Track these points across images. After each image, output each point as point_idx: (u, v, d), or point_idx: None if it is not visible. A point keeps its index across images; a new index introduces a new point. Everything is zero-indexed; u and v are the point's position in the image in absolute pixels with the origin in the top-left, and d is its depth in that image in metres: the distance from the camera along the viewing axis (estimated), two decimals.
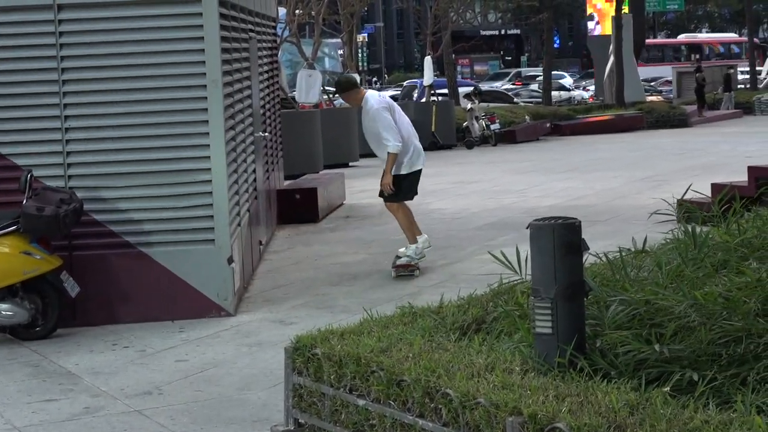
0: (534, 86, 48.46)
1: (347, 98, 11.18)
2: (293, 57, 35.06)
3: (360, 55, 50.52)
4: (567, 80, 54.05)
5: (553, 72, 43.53)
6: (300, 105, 22.44)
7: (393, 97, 23.01)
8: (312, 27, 29.12)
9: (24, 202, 8.68)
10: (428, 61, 27.81)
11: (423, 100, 28.55)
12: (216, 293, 9.27)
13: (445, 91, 34.25)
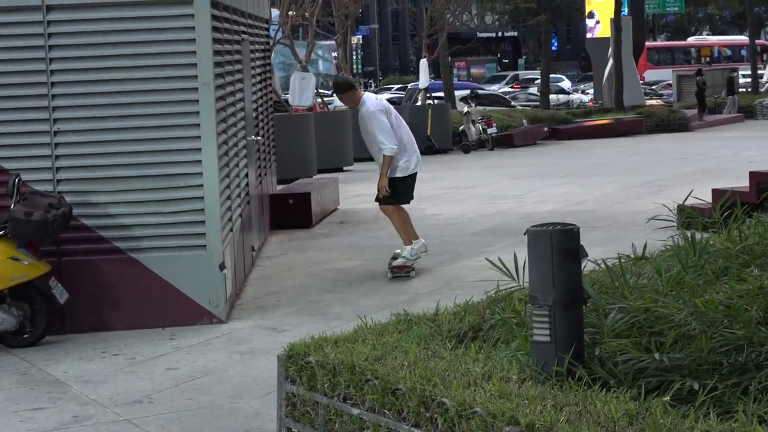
0: (532, 89, 48.40)
1: (345, 99, 11.27)
2: (286, 59, 34.95)
3: (354, 58, 50.54)
4: (566, 83, 54.03)
5: (551, 75, 43.49)
6: (293, 108, 22.36)
7: (392, 101, 23.03)
8: (305, 29, 29.02)
9: (12, 207, 8.60)
10: (424, 64, 27.72)
11: (419, 104, 28.50)
12: (207, 300, 9.17)
13: (441, 94, 34.23)
